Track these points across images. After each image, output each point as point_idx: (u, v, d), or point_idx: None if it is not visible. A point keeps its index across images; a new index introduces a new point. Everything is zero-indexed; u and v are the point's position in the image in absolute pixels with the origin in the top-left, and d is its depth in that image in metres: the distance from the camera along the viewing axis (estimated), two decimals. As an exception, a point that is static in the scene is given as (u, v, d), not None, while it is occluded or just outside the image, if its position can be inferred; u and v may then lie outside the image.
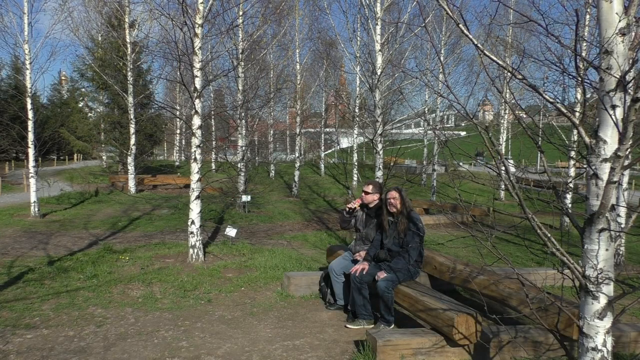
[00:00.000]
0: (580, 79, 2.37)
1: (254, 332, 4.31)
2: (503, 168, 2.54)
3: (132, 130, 18.11)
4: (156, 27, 19.37)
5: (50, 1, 14.29)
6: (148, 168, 26.67)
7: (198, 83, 6.86)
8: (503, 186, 15.45)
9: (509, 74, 2.62)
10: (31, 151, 11.90)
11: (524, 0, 16.73)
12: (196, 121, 6.89)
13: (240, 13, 12.45)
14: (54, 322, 4.43)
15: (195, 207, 6.90)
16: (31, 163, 11.90)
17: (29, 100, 11.90)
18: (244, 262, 6.89)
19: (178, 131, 34.79)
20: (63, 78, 45.89)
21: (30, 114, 11.88)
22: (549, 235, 2.42)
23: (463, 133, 37.08)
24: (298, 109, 19.93)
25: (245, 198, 12.76)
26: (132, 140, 18.12)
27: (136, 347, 3.90)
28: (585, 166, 2.34)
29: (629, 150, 2.14)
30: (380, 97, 9.12)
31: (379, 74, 9.02)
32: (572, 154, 10.08)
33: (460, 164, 4.23)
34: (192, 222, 6.87)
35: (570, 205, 11.26)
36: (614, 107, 2.19)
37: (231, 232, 7.88)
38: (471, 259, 7.27)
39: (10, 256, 7.33)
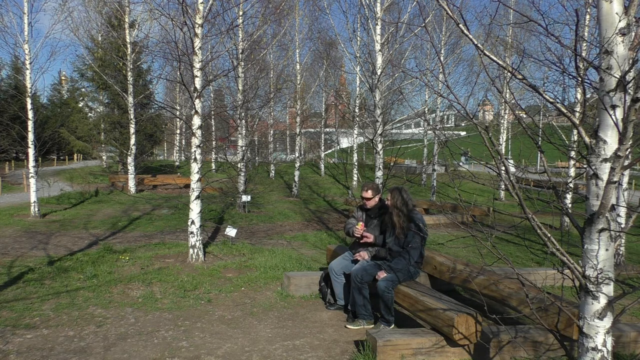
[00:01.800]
0: (580, 79, 2.38)
1: (254, 332, 4.31)
2: (503, 168, 2.54)
3: (132, 130, 18.11)
4: (156, 27, 19.40)
5: (50, 1, 14.33)
6: (148, 168, 26.67)
7: (198, 83, 6.86)
8: (503, 186, 15.46)
9: (509, 74, 2.62)
10: (31, 151, 11.90)
11: (524, 0, 16.75)
12: (196, 121, 6.89)
13: (240, 13, 12.46)
14: (54, 322, 4.43)
15: (195, 207, 6.90)
16: (31, 163, 11.90)
17: (29, 100, 11.91)
18: (244, 262, 6.89)
19: (178, 131, 34.83)
20: (63, 78, 45.93)
21: (30, 114, 11.88)
22: (549, 235, 2.42)
23: (463, 133, 37.10)
24: (298, 109, 19.93)
25: (245, 198, 12.76)
26: (132, 140, 18.12)
27: (136, 347, 3.90)
28: (585, 166, 2.34)
29: (629, 150, 2.15)
30: (380, 97, 9.12)
31: (379, 74, 9.02)
32: (572, 154, 10.07)
33: (460, 164, 4.24)
34: (192, 222, 6.88)
35: (570, 205, 11.25)
36: (614, 107, 2.19)
37: (231, 232, 7.88)
38: (471, 259, 7.27)
39: (10, 256, 7.33)
